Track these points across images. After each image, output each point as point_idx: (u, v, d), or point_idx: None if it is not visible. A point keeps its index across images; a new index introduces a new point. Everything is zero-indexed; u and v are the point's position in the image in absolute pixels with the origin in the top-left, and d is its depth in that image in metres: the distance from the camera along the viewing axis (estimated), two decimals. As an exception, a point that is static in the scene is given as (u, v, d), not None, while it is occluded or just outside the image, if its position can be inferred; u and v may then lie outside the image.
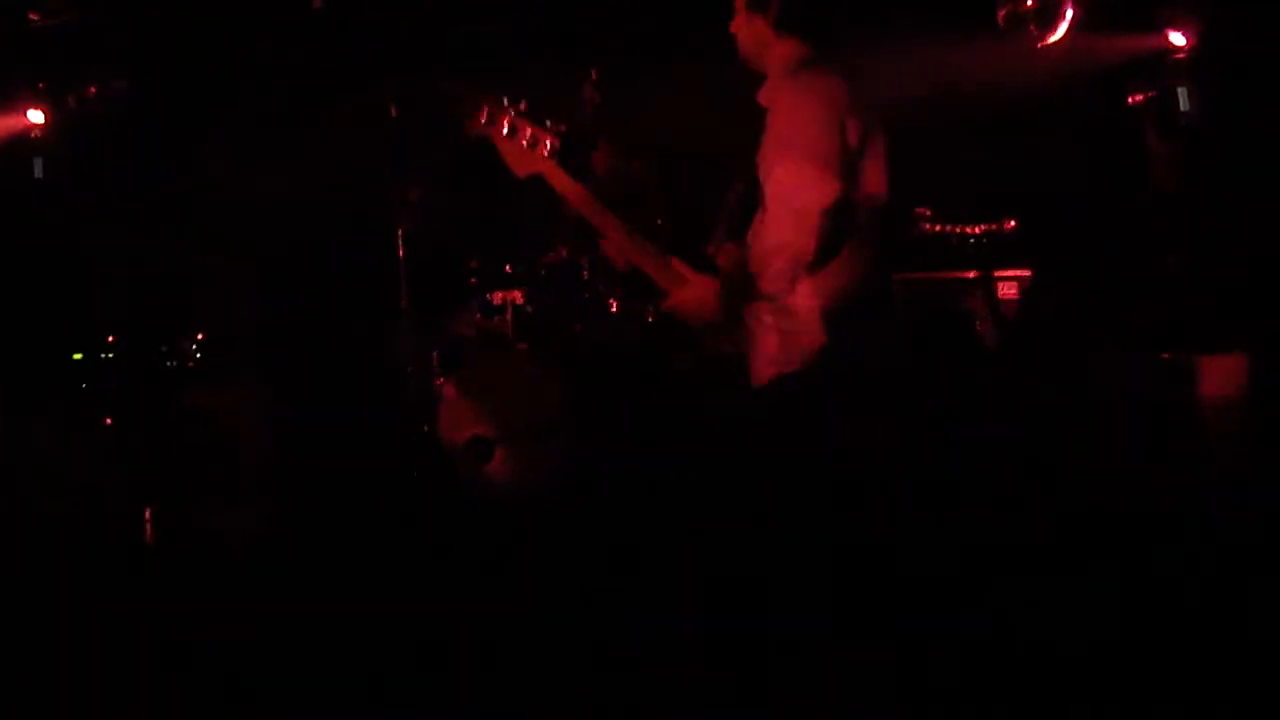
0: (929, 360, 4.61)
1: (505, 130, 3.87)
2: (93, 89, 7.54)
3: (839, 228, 3.57)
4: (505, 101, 3.91)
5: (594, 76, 6.04)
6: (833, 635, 3.79)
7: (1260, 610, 4.17)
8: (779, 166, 3.61)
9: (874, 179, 3.73)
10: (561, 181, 3.87)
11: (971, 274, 6.75)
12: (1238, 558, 4.70)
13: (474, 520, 6.44)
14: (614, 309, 6.47)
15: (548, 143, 3.84)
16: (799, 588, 3.94)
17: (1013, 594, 4.16)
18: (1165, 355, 6.49)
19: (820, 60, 3.73)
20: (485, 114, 3.90)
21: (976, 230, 6.82)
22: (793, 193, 3.56)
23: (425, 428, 6.50)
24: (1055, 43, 7.11)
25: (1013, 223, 6.81)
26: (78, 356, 7.62)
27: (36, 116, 7.73)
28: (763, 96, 3.77)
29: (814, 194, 3.51)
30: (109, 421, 7.14)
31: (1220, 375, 6.25)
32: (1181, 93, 7.39)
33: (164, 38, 7.20)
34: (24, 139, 7.82)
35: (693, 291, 3.79)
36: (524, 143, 3.86)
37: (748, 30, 3.84)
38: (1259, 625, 4.07)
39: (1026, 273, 6.74)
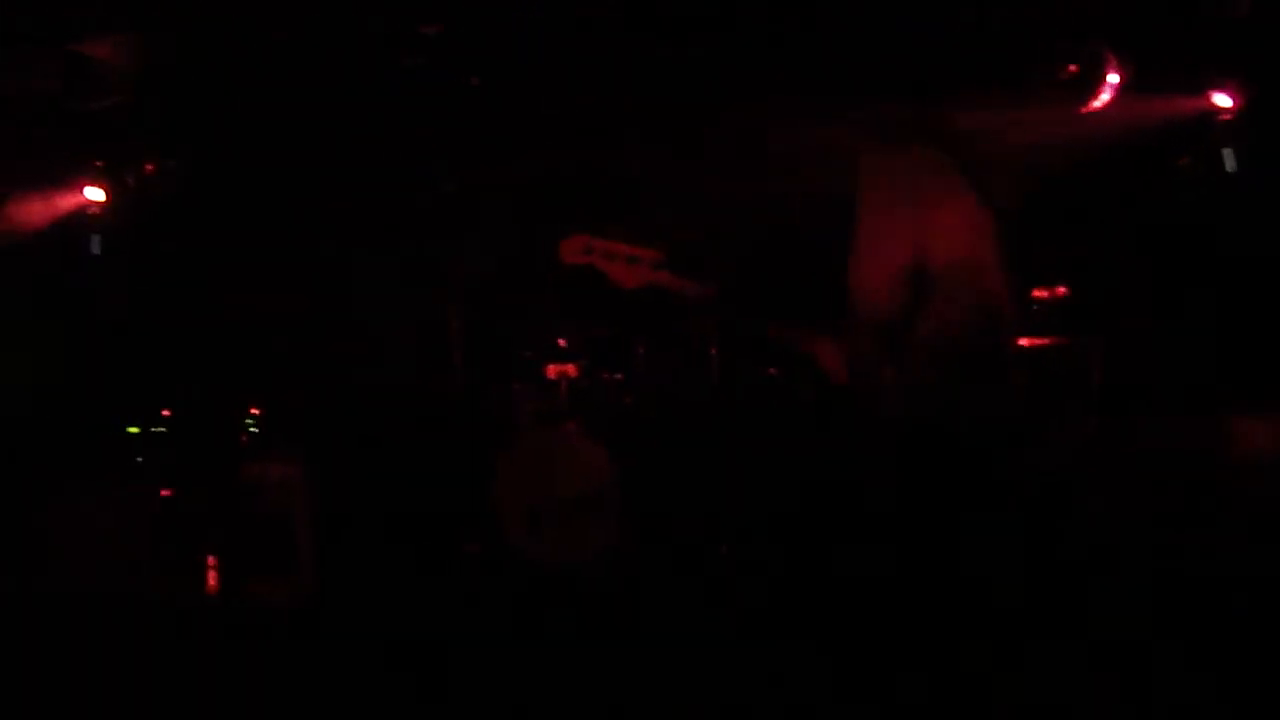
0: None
1: (604, 255, 3.92)
2: (150, 167, 7.66)
3: (898, 291, 3.58)
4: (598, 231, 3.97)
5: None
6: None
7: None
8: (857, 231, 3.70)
9: (954, 241, 3.73)
10: (675, 283, 3.93)
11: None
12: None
13: (524, 591, 6.49)
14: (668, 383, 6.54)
15: (648, 257, 3.91)
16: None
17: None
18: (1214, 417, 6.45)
19: (901, 130, 3.77)
20: (582, 245, 3.95)
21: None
22: (856, 260, 3.64)
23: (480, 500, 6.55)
24: (1099, 107, 7.12)
25: (1063, 289, 6.81)
26: (133, 430, 7.71)
27: (95, 194, 7.85)
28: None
29: (871, 261, 3.57)
30: (165, 494, 7.19)
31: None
32: (1227, 154, 7.38)
33: (221, 117, 7.31)
34: (82, 216, 7.94)
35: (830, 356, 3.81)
36: (624, 262, 3.91)
37: None
38: None
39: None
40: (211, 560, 6.83)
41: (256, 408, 7.37)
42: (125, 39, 6.85)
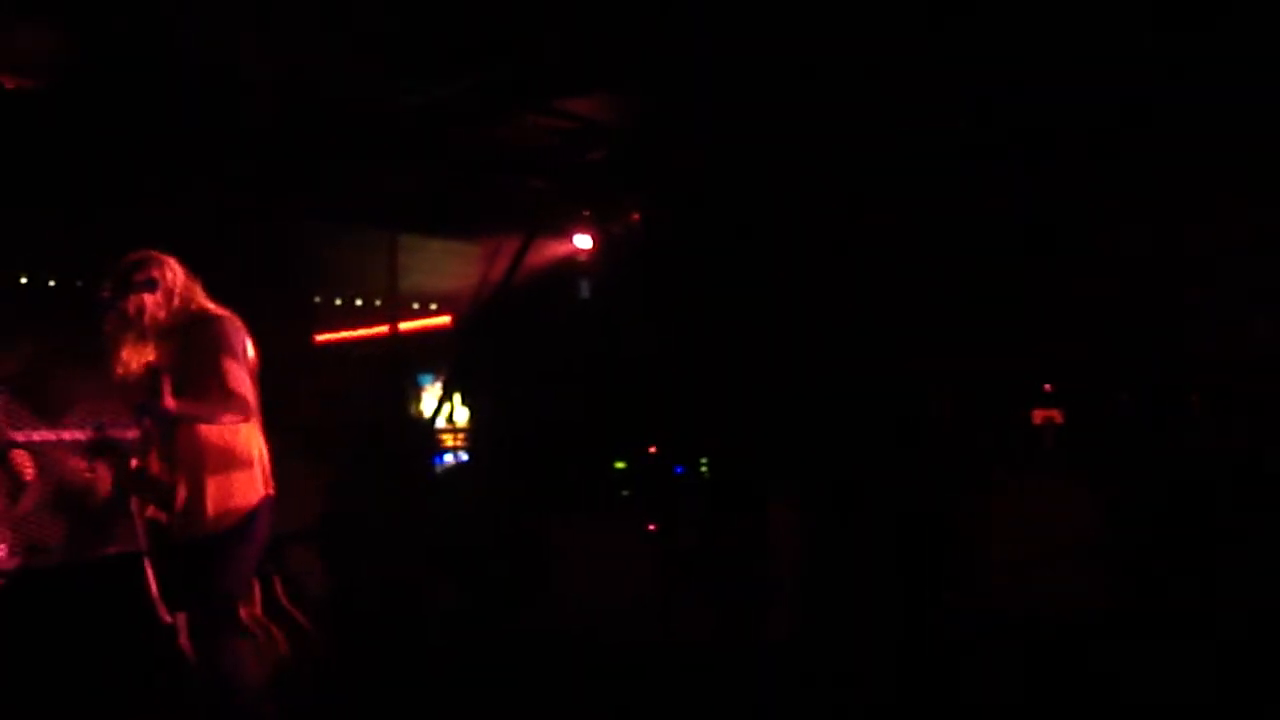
0: None
1: None
2: (636, 216, 8.03)
3: None
4: None
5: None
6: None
7: None
8: None
9: None
10: None
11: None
12: None
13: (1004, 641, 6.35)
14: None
15: None
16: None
17: None
18: None
19: None
20: None
21: None
22: None
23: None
24: None
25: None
26: (620, 465, 8.10)
27: (583, 241, 8.31)
28: None
29: None
30: (651, 528, 7.50)
31: None
32: None
33: (705, 170, 7.54)
34: (573, 262, 8.44)
35: None
36: None
37: None
38: None
39: None
40: (701, 596, 7.07)
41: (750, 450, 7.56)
42: (613, 95, 7.14)
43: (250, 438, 4.74)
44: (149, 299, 4.63)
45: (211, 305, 4.78)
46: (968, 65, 6.05)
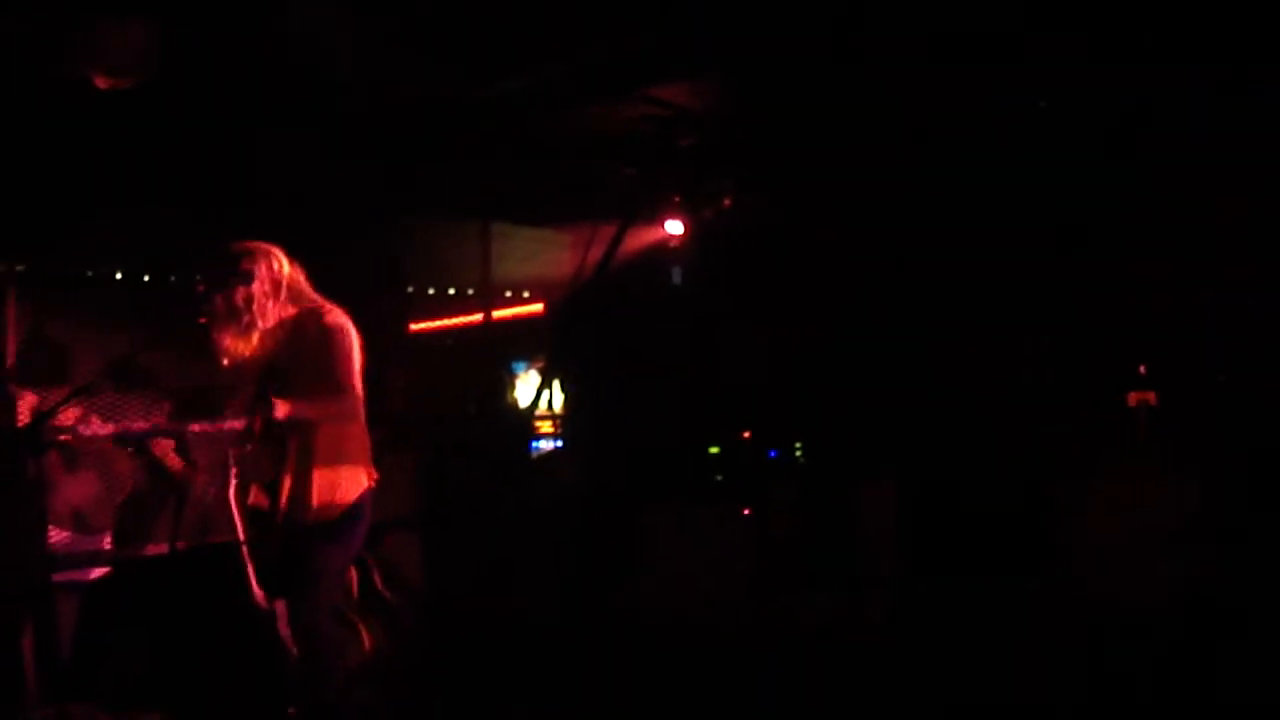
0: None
1: None
2: (728, 202, 7.98)
3: None
4: None
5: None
6: None
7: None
8: None
9: None
10: None
11: None
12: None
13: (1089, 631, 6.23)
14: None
15: None
16: None
17: None
18: None
19: None
20: None
21: None
22: None
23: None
24: None
25: None
26: (714, 450, 8.09)
27: (675, 227, 8.29)
28: None
29: None
30: (746, 512, 7.49)
31: None
32: None
33: (795, 154, 7.50)
34: (664, 248, 8.42)
35: None
36: None
37: None
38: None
39: None
40: (796, 582, 7.06)
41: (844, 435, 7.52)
42: (703, 81, 7.11)
43: (356, 429, 4.82)
44: (257, 290, 4.71)
45: (319, 299, 4.86)
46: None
